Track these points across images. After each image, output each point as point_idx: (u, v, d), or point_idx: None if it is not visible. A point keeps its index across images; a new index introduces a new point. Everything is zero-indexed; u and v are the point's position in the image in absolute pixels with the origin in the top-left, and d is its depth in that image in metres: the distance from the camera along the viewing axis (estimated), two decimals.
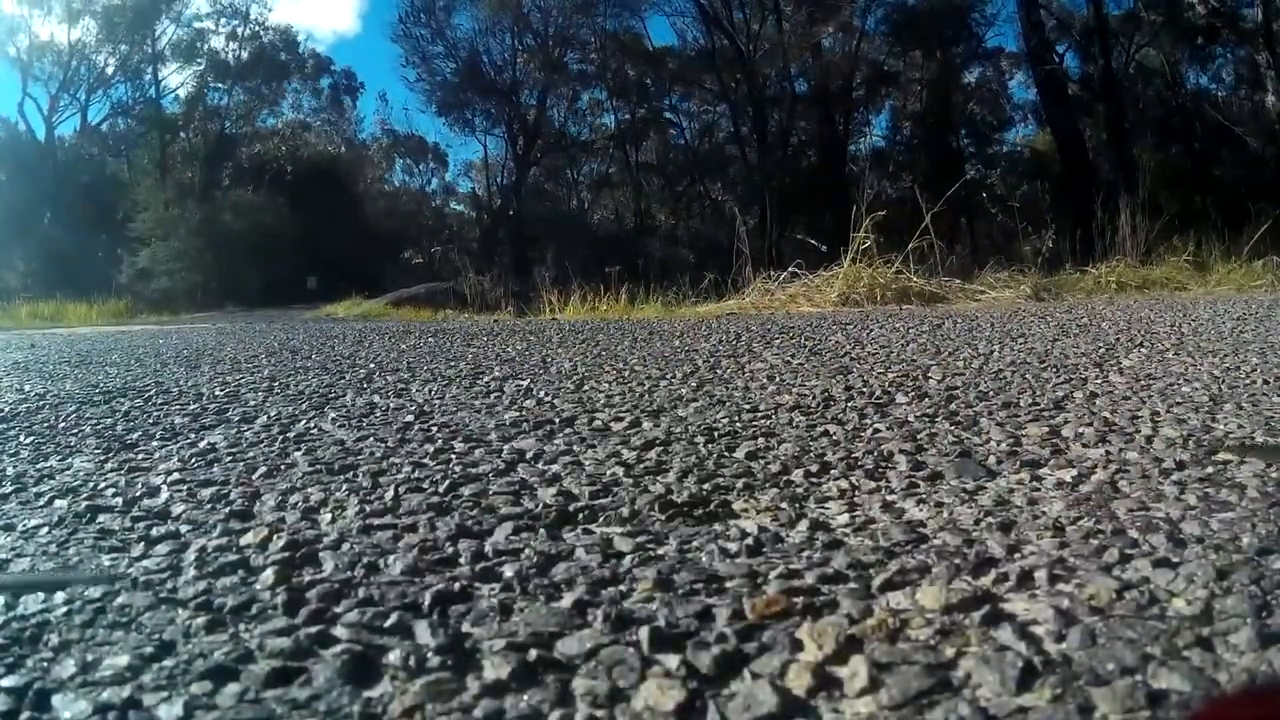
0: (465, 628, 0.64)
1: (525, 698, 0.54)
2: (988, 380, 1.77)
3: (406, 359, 2.67)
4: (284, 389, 2.00)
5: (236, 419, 1.57)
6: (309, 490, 1.03)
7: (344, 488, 1.04)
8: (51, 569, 0.78)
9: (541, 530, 0.86)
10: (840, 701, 0.53)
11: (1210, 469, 1.01)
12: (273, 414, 1.62)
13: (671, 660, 0.58)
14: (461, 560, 0.78)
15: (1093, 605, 0.64)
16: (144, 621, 0.66)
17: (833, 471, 1.07)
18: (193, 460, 1.22)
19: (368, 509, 0.94)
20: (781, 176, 19.21)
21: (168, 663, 0.59)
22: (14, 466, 1.22)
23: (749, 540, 0.81)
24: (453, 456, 1.20)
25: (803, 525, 0.86)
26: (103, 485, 1.09)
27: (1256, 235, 6.52)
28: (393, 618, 0.65)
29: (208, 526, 0.90)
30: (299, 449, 1.28)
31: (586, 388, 1.86)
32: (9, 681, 0.57)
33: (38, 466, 1.22)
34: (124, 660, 0.59)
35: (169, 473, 1.14)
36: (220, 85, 26.21)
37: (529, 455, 1.20)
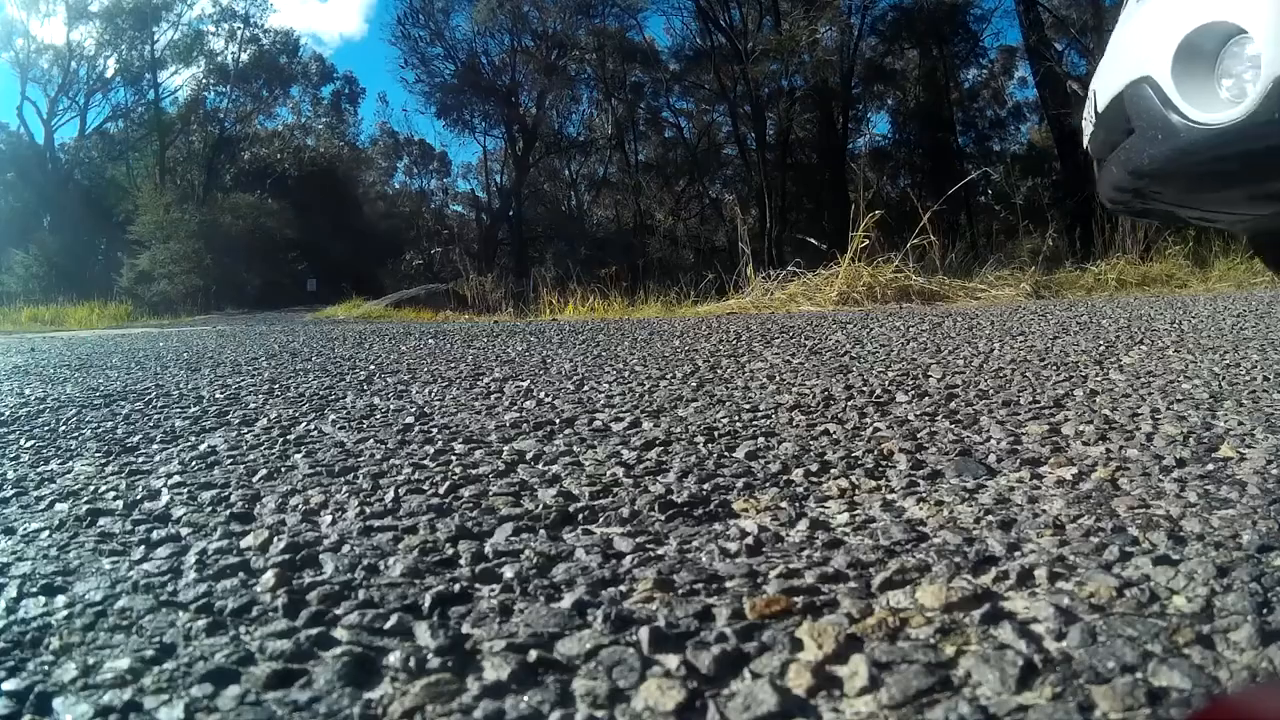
0: (465, 629, 0.64)
1: (525, 698, 0.54)
2: (988, 378, 1.76)
3: (407, 361, 2.67)
4: (284, 391, 2.00)
5: (237, 422, 1.57)
6: (309, 492, 1.03)
7: (344, 490, 1.04)
8: (53, 572, 0.78)
9: (541, 531, 0.86)
10: (840, 701, 0.53)
11: (1210, 466, 1.01)
12: (273, 416, 1.62)
13: (671, 660, 0.58)
14: (462, 561, 0.78)
15: (1093, 603, 0.64)
16: (144, 624, 0.66)
17: (833, 470, 1.07)
18: (193, 463, 1.22)
19: (368, 511, 0.94)
20: (780, 175, 19.21)
21: (168, 665, 0.59)
22: (15, 470, 1.22)
23: (749, 540, 0.81)
24: (453, 458, 1.20)
25: (803, 524, 0.86)
26: (103, 489, 1.09)
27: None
28: (393, 619, 0.65)
29: (208, 529, 0.90)
30: (299, 451, 1.28)
31: (586, 388, 1.86)
32: (11, 685, 0.57)
33: (38, 470, 1.22)
34: (125, 663, 0.59)
35: (169, 475, 1.14)
36: (221, 89, 26.24)
37: (529, 456, 1.20)
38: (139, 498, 1.04)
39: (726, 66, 20.21)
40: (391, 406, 1.70)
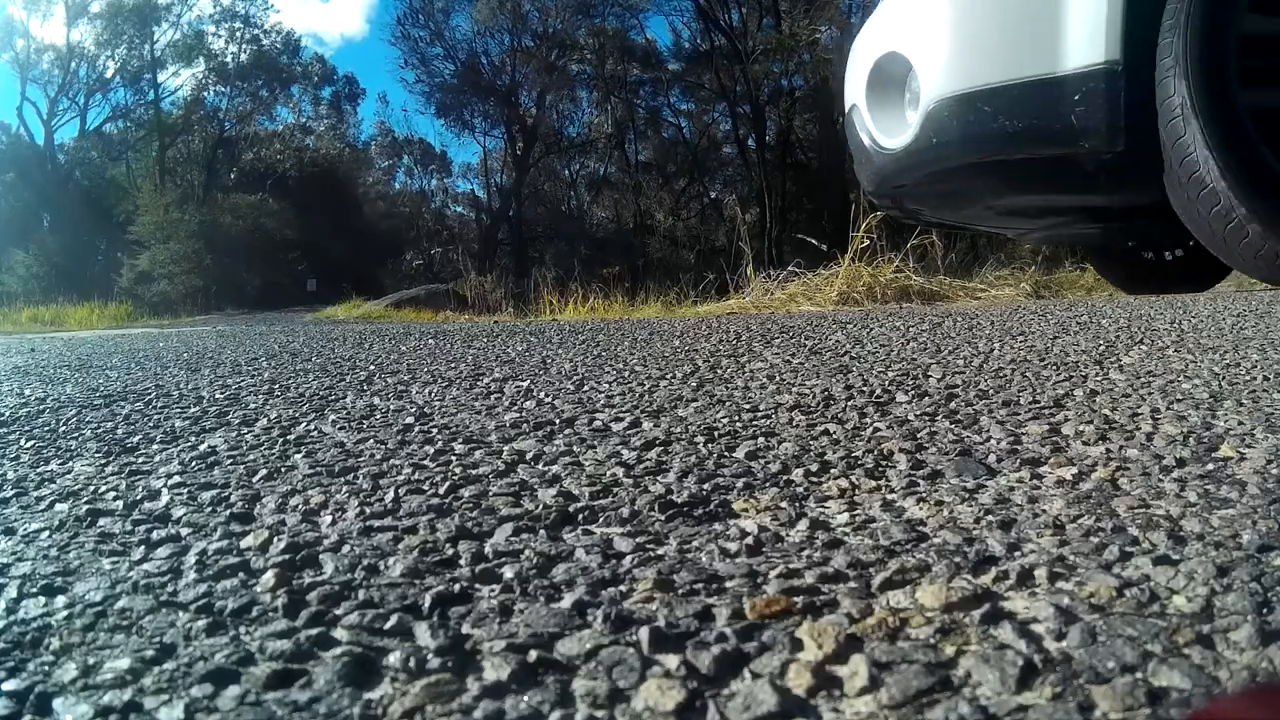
0: (465, 629, 0.64)
1: (525, 698, 0.54)
2: (988, 378, 1.76)
3: (406, 361, 2.67)
4: (284, 391, 2.00)
5: (237, 422, 1.57)
6: (309, 493, 1.03)
7: (344, 490, 1.04)
8: (53, 572, 0.78)
9: (541, 531, 0.86)
10: (840, 701, 0.53)
11: (1210, 465, 1.01)
12: (273, 417, 1.62)
13: (671, 660, 0.58)
14: (461, 562, 0.78)
15: (1093, 603, 0.64)
16: (145, 625, 0.66)
17: (833, 470, 1.07)
18: (193, 463, 1.22)
19: (368, 511, 0.94)
20: (780, 175, 19.21)
21: (168, 665, 0.59)
22: (15, 471, 1.22)
23: (749, 540, 0.81)
24: (453, 458, 1.20)
25: (802, 524, 0.86)
26: (103, 489, 1.09)
27: None
28: (393, 619, 0.65)
29: (208, 529, 0.90)
30: (299, 451, 1.28)
31: (586, 388, 1.86)
32: (11, 685, 0.57)
33: (38, 470, 1.22)
34: (125, 663, 0.59)
35: (169, 476, 1.14)
36: (221, 89, 26.27)
37: (529, 456, 1.20)
38: (139, 498, 1.04)
39: (726, 66, 20.21)
40: (391, 407, 1.70)
